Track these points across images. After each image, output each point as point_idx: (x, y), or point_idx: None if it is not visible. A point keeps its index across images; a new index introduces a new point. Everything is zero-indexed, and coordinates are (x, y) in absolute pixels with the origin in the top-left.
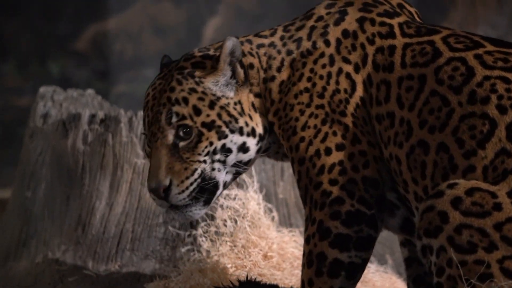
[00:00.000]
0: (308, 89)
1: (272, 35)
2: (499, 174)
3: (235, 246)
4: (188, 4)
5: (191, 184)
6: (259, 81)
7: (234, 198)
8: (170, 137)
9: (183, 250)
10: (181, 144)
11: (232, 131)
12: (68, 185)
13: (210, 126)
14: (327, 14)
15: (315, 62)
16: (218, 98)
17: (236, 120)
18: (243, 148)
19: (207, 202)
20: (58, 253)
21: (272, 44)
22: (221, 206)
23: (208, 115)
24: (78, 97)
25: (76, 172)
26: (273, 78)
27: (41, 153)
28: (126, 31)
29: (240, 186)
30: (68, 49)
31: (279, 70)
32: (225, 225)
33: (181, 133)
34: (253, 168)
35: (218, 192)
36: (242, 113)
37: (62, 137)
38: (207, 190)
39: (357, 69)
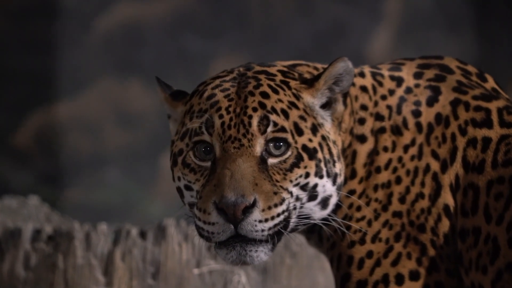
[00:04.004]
0: (390, 184)
1: (362, 75)
2: None
3: None
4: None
5: (278, 215)
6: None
7: None
8: (258, 149)
9: None
10: (271, 161)
11: (328, 175)
12: None
13: (311, 154)
14: (416, 86)
15: (405, 149)
16: (320, 125)
17: (334, 163)
18: (324, 203)
19: (273, 248)
20: None
21: (365, 90)
22: None
23: (310, 140)
24: (17, 208)
25: None
26: (363, 138)
27: None
28: (81, 120)
29: None
30: (4, 145)
31: (372, 132)
32: None
33: (271, 148)
34: None
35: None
36: (339, 157)
37: None
38: (281, 232)
39: (444, 168)
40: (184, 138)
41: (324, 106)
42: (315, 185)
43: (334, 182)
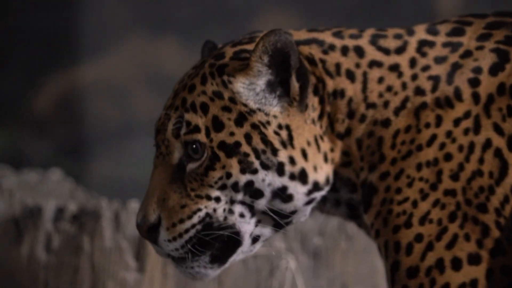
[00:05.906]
0: (438, 162)
1: (399, 51)
2: None
3: None
4: (199, 40)
5: (186, 231)
6: (352, 118)
7: None
8: (176, 155)
9: None
10: (190, 166)
11: (264, 166)
12: None
13: (230, 150)
14: (478, 48)
15: (456, 122)
16: (251, 112)
17: (274, 152)
18: (282, 195)
19: (218, 259)
20: None
21: (396, 68)
22: None
23: (232, 134)
24: (37, 183)
25: None
26: (387, 122)
27: None
28: (108, 84)
29: None
30: (20, 112)
31: (397, 112)
32: None
33: (191, 151)
34: None
35: (242, 248)
36: (288, 143)
37: (13, 242)
38: (218, 241)
39: (511, 146)
40: None
41: (272, 86)
42: (249, 183)
43: (280, 173)
